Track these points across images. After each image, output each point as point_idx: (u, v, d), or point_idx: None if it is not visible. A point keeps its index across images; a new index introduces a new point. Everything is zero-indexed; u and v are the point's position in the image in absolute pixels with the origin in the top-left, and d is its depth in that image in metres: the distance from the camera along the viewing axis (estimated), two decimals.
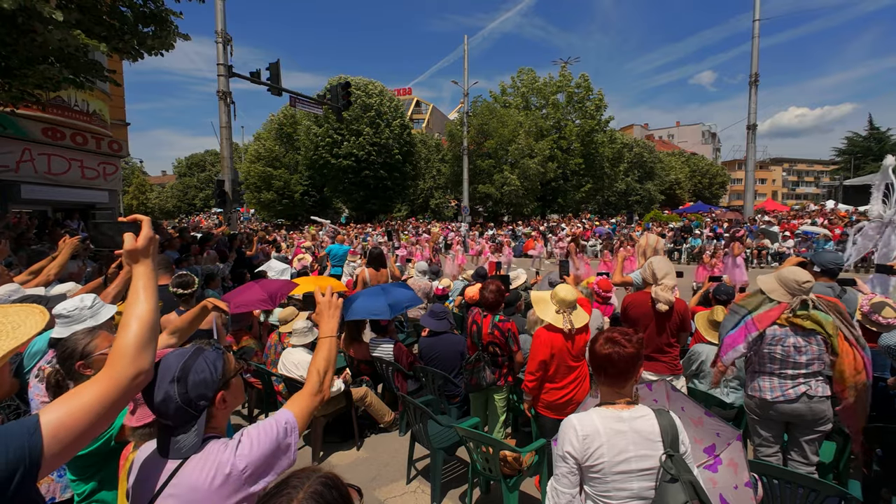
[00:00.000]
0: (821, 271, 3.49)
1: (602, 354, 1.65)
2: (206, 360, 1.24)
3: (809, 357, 2.63)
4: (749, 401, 2.88)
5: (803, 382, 2.65)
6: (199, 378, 1.20)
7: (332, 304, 1.63)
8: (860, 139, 45.96)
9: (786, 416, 2.71)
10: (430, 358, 4.26)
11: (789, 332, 2.66)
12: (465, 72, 26.13)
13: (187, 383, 1.18)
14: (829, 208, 25.08)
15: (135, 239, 1.21)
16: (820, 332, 2.62)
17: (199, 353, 1.26)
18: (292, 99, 12.97)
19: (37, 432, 0.88)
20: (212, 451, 1.18)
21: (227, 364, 1.30)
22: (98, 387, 0.98)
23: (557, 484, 1.63)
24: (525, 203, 30.76)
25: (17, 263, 4.43)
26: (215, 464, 1.14)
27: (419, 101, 59.07)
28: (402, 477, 3.64)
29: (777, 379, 2.71)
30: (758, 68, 18.84)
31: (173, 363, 1.21)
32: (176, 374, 1.18)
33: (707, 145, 69.75)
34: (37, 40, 4.89)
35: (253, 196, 35.76)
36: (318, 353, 1.50)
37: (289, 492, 0.89)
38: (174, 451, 1.16)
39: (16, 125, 10.01)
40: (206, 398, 1.20)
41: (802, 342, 2.63)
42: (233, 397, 1.30)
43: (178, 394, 1.16)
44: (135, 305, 1.13)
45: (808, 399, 2.64)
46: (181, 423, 1.17)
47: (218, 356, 1.28)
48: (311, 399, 1.40)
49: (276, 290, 4.99)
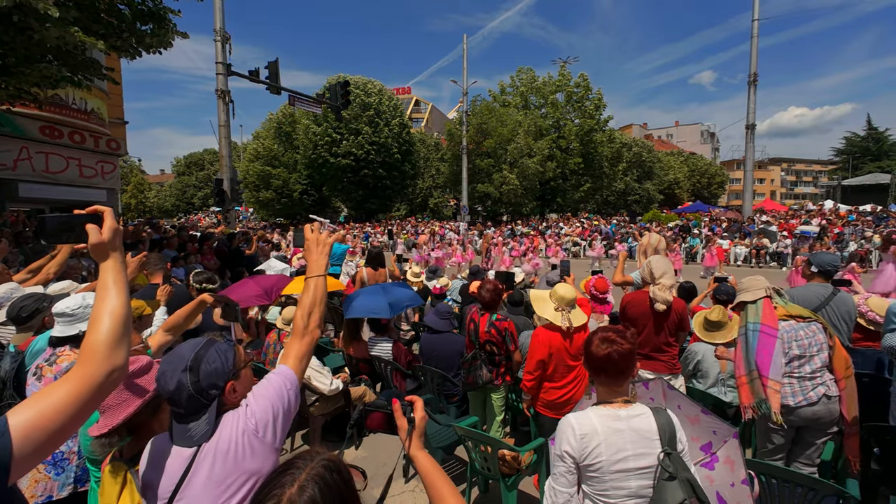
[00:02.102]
0: (817, 272, 3.49)
1: (602, 355, 1.64)
2: (218, 351, 1.28)
3: (819, 346, 2.62)
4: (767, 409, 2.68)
5: (821, 383, 2.60)
6: (211, 367, 1.24)
7: (320, 241, 1.60)
8: (858, 139, 46.06)
9: (807, 421, 2.61)
10: (430, 356, 4.27)
11: (794, 324, 2.66)
12: (465, 71, 26.16)
13: (199, 372, 1.22)
14: (827, 208, 25.13)
15: (99, 231, 1.13)
16: (815, 319, 2.65)
17: (210, 343, 1.29)
18: (291, 98, 12.95)
19: (5, 434, 0.85)
20: (227, 420, 1.22)
21: (238, 355, 1.33)
22: (70, 385, 0.95)
23: (555, 483, 1.62)
24: (524, 202, 30.78)
25: (12, 262, 4.41)
26: (235, 428, 1.20)
27: (418, 100, 59.06)
28: (401, 476, 3.64)
29: (797, 382, 2.62)
30: (757, 68, 18.89)
31: (186, 353, 1.25)
32: (189, 363, 1.22)
33: (706, 145, 69.86)
34: (34, 38, 4.87)
35: (252, 195, 35.74)
36: (304, 294, 1.49)
37: (292, 472, 0.90)
38: (186, 438, 1.19)
39: (13, 123, 9.99)
40: (217, 387, 1.24)
41: (808, 333, 2.64)
42: (243, 387, 1.32)
43: (191, 382, 1.20)
44: (105, 300, 1.07)
45: (826, 400, 2.58)
46: (193, 412, 1.20)
47: (229, 347, 1.32)
48: (300, 342, 1.42)
49: (272, 285, 4.97)
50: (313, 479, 0.89)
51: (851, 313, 3.31)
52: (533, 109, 33.24)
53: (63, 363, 2.07)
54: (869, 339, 3.81)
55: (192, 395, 1.19)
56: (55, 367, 2.07)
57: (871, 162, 42.78)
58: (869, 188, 29.95)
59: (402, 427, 1.30)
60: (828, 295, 3.31)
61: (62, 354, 2.11)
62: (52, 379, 2.05)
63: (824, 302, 3.28)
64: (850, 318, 3.30)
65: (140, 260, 3.41)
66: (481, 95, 32.44)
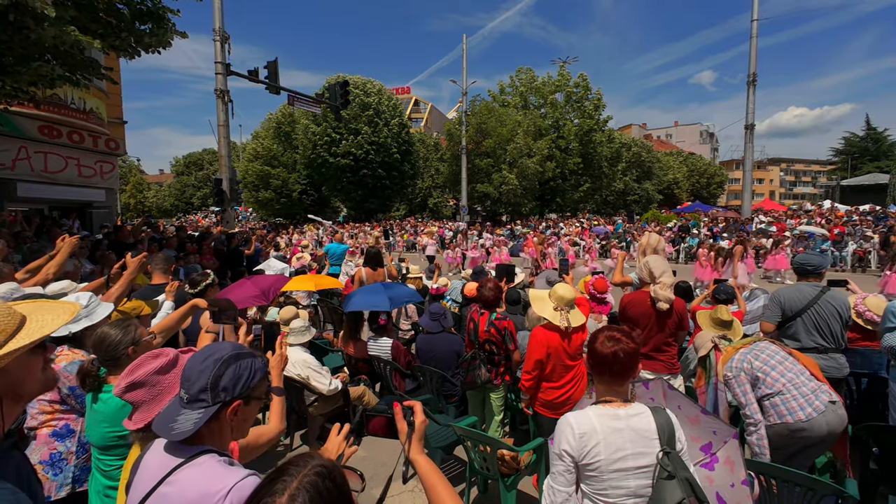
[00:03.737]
0: (801, 273, 3.45)
1: (607, 353, 1.64)
2: (253, 365, 1.27)
3: (781, 355, 2.63)
4: (771, 430, 2.50)
5: (819, 388, 2.50)
6: (239, 372, 1.22)
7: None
8: (857, 139, 46.14)
9: (822, 436, 2.41)
10: (428, 356, 4.26)
11: (743, 350, 2.70)
12: (464, 71, 26.18)
13: (227, 368, 1.20)
14: (825, 208, 25.18)
15: None
16: (756, 340, 2.75)
17: (252, 355, 1.28)
18: (290, 97, 12.94)
19: None
20: (213, 469, 1.13)
21: (263, 381, 1.30)
22: None
23: (554, 482, 1.62)
24: (523, 202, 30.78)
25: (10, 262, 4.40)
26: (209, 487, 1.10)
27: (418, 100, 59.04)
28: (400, 476, 3.63)
29: (797, 392, 2.47)
30: (756, 68, 18.93)
31: (228, 348, 1.24)
32: (226, 356, 1.21)
33: (705, 145, 69.90)
34: (30, 37, 4.86)
35: (251, 195, 35.69)
36: None
37: (284, 479, 0.89)
38: (167, 426, 1.16)
39: (12, 123, 9.95)
40: (229, 393, 1.20)
41: (757, 351, 2.66)
42: (244, 415, 1.27)
43: (214, 374, 1.18)
44: None
45: (833, 406, 2.45)
46: (191, 403, 1.17)
47: (262, 368, 1.30)
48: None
49: (269, 285, 4.96)
50: (304, 488, 0.87)
51: (841, 311, 3.24)
52: (532, 109, 33.24)
53: (61, 363, 2.06)
54: (867, 339, 3.81)
55: (205, 387, 1.17)
56: (53, 366, 2.07)
57: (869, 162, 42.86)
58: (868, 188, 30.03)
59: (403, 430, 1.31)
60: (816, 293, 3.30)
61: (60, 354, 2.10)
62: None
63: (813, 300, 3.27)
64: (840, 315, 3.24)
65: (140, 260, 3.39)
66: (481, 95, 32.49)
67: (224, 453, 1.22)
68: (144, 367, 1.43)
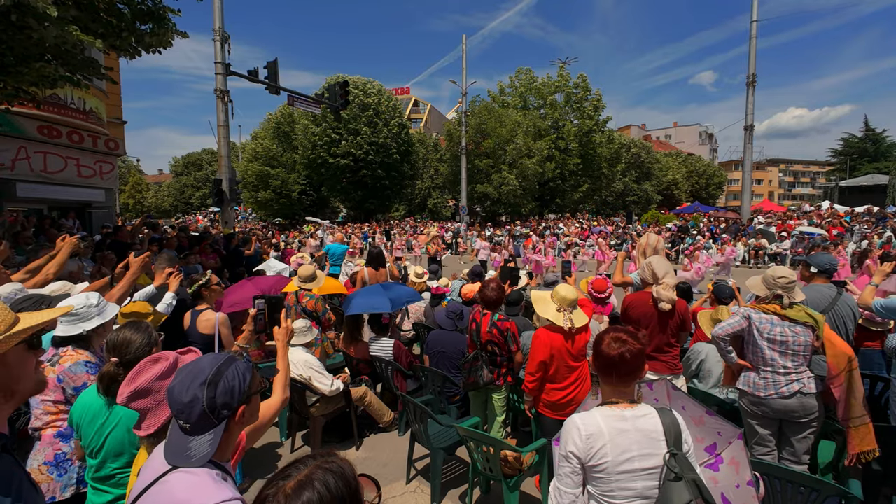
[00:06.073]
0: (817, 272, 3.52)
1: (613, 354, 1.64)
2: (238, 370, 1.22)
3: (802, 346, 2.70)
4: (743, 398, 2.91)
5: (796, 379, 2.70)
6: (230, 385, 1.18)
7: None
8: (856, 140, 46.21)
9: (778, 413, 2.75)
10: (436, 351, 4.27)
11: (776, 320, 2.75)
12: (464, 71, 26.12)
13: (217, 388, 1.16)
14: (824, 209, 25.21)
15: None
16: (808, 322, 2.70)
17: (231, 361, 1.24)
18: (290, 98, 12.92)
19: None
20: (204, 482, 1.11)
21: (254, 378, 1.28)
22: None
23: (560, 484, 1.62)
24: (523, 203, 30.77)
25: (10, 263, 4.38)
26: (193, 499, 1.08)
27: (417, 100, 59.04)
28: (402, 477, 3.63)
29: (771, 376, 2.75)
30: (755, 69, 18.93)
31: (206, 366, 1.18)
32: (209, 377, 1.16)
33: (704, 146, 69.96)
34: (32, 37, 4.84)
35: (250, 195, 35.62)
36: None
37: (299, 466, 0.93)
38: (184, 456, 1.12)
39: (11, 123, 9.92)
40: (230, 408, 1.18)
41: (790, 332, 2.71)
42: (250, 414, 1.27)
43: (206, 398, 1.14)
44: None
45: (801, 396, 2.69)
46: (198, 430, 1.14)
47: (248, 368, 1.27)
48: None
49: (270, 286, 4.97)
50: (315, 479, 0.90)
51: (855, 312, 3.40)
52: (532, 110, 33.22)
53: (66, 363, 2.06)
54: (869, 339, 3.83)
55: (204, 413, 1.13)
56: (58, 367, 2.06)
57: (868, 163, 42.93)
58: (866, 189, 30.04)
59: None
60: (834, 295, 3.38)
61: (65, 354, 2.10)
62: (54, 379, 2.04)
63: (832, 301, 3.34)
64: (854, 316, 3.40)
65: (143, 260, 3.38)
66: (480, 96, 32.45)
67: (221, 465, 1.21)
68: (145, 373, 1.42)
